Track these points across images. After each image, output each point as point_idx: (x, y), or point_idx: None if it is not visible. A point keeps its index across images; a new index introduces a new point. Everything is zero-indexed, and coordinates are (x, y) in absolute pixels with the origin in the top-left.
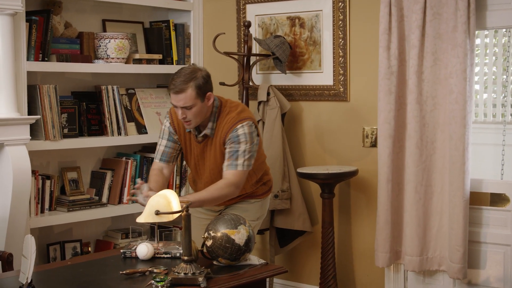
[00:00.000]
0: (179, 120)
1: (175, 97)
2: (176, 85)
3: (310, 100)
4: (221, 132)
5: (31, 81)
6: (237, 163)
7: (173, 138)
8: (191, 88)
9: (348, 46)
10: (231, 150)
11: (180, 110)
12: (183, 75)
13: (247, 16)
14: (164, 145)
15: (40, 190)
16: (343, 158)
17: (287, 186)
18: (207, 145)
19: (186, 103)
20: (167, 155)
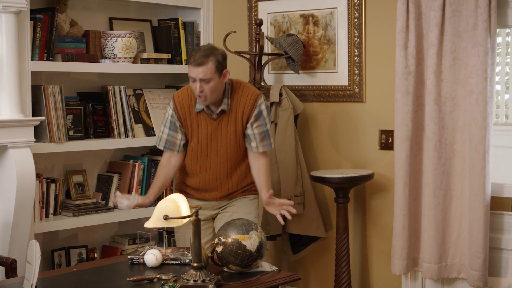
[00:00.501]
0: (183, 104)
1: (195, 70)
2: (196, 59)
3: (324, 101)
4: (243, 107)
5: (36, 82)
6: (270, 141)
7: (174, 127)
8: (211, 62)
9: (363, 45)
10: (262, 130)
11: (199, 83)
12: (203, 50)
13: (259, 14)
14: (166, 134)
15: (45, 194)
16: (358, 161)
17: (300, 191)
18: (223, 122)
19: (206, 75)
20: (170, 143)
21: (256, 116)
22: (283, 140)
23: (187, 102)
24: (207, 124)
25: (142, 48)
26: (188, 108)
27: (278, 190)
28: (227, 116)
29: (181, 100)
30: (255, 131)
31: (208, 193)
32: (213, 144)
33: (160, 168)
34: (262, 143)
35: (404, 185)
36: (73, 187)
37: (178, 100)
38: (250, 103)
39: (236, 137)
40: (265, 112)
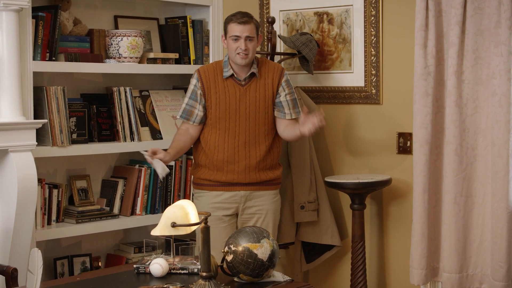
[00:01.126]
0: (208, 73)
1: (240, 28)
2: (239, 17)
3: (339, 103)
4: (272, 73)
5: (38, 82)
6: (299, 109)
7: (194, 96)
8: (253, 22)
9: (381, 44)
10: (293, 98)
11: (244, 41)
12: (242, 13)
13: (271, 12)
14: (185, 103)
15: (47, 200)
16: (375, 166)
17: (314, 197)
18: (251, 87)
19: (251, 33)
20: (188, 113)
21: (286, 82)
22: (296, 144)
23: (213, 71)
24: (235, 90)
25: (148, 47)
26: (214, 77)
27: (291, 196)
28: (256, 82)
29: (205, 70)
30: (287, 98)
31: (236, 166)
32: (242, 109)
33: (178, 135)
34: (294, 110)
35: (423, 191)
36: (76, 193)
37: (202, 70)
38: (278, 70)
39: (266, 102)
40: (291, 82)
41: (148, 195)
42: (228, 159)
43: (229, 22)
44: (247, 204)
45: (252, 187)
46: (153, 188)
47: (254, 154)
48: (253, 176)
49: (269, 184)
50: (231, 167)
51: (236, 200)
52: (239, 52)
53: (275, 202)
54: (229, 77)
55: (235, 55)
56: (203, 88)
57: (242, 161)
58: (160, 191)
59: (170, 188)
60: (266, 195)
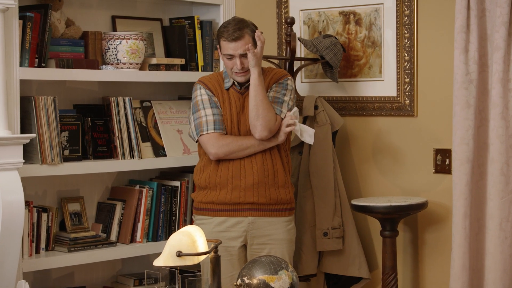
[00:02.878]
0: (213, 83)
1: (233, 45)
2: (231, 33)
3: (368, 115)
4: (269, 80)
5: (25, 92)
6: (281, 109)
7: (215, 104)
8: (247, 34)
9: (415, 48)
10: (277, 96)
11: (239, 59)
12: (235, 23)
13: (290, 11)
14: (211, 114)
15: (35, 226)
16: (409, 187)
17: (339, 222)
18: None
19: (247, 48)
20: (220, 122)
21: (278, 84)
22: (318, 162)
23: (216, 81)
24: (235, 99)
25: (151, 52)
26: (219, 86)
27: (312, 222)
28: None
29: (209, 79)
30: (270, 94)
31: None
32: (242, 120)
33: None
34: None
35: (464, 216)
36: (68, 217)
37: (206, 80)
38: (277, 76)
39: None
40: (290, 87)
41: (150, 220)
42: (234, 174)
43: (220, 38)
44: (256, 232)
45: (261, 213)
46: (156, 212)
47: (261, 167)
48: (262, 193)
49: (280, 210)
50: (236, 183)
51: (242, 227)
52: (236, 71)
53: (289, 230)
54: (230, 87)
55: (233, 73)
56: (214, 94)
57: (249, 176)
58: (164, 215)
59: (174, 212)
60: (278, 223)
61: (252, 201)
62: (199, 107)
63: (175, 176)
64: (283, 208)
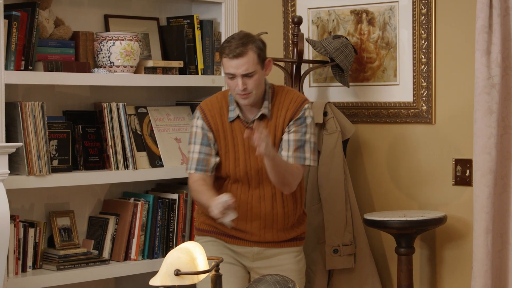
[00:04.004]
0: (214, 113)
1: (235, 63)
2: (233, 49)
3: (381, 123)
4: (285, 111)
5: (10, 97)
6: (305, 156)
7: (207, 141)
8: (252, 50)
9: (433, 49)
10: (299, 138)
11: (241, 79)
12: (238, 38)
13: (297, 10)
14: (198, 152)
15: (21, 242)
16: (426, 200)
17: (350, 238)
18: None
19: (249, 69)
20: (204, 163)
21: (297, 121)
22: (328, 173)
23: (218, 110)
24: (242, 135)
25: (146, 54)
26: (220, 118)
27: (321, 238)
28: (267, 124)
29: (210, 108)
30: (290, 137)
31: (249, 226)
32: (252, 159)
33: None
34: (296, 154)
35: (486, 232)
36: (57, 232)
37: (207, 108)
38: (294, 105)
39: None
40: (309, 120)
41: (145, 235)
42: (240, 217)
43: (222, 54)
44: (260, 263)
45: (269, 244)
46: (152, 228)
47: (270, 212)
48: (269, 237)
49: (290, 240)
50: (242, 227)
51: (246, 255)
52: (238, 92)
53: (298, 262)
54: (236, 118)
55: (235, 95)
56: (212, 129)
57: (256, 220)
58: (161, 231)
59: (172, 228)
60: (286, 253)
61: (258, 240)
62: (191, 140)
63: (173, 188)
64: (294, 240)
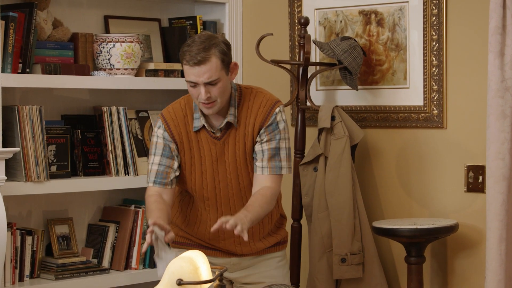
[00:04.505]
0: (177, 122)
1: (196, 71)
2: (194, 55)
3: (391, 127)
4: (254, 117)
5: (7, 101)
6: (281, 165)
7: (169, 153)
8: (215, 56)
9: (444, 51)
10: (273, 147)
11: (203, 88)
12: (200, 42)
13: (304, 11)
14: (157, 163)
15: (19, 250)
16: (437, 207)
17: (358, 247)
18: (229, 140)
19: (212, 76)
20: (163, 175)
21: (269, 128)
22: (335, 179)
23: (182, 118)
24: (209, 146)
25: (148, 56)
26: (185, 127)
27: (329, 246)
28: (235, 132)
29: (174, 117)
30: (263, 146)
31: (222, 244)
32: (221, 172)
33: (156, 203)
34: (270, 163)
35: (500, 240)
36: (56, 240)
37: (170, 117)
38: (264, 111)
39: (247, 159)
40: (281, 125)
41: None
42: (212, 236)
43: (182, 60)
44: (240, 273)
45: (247, 255)
46: None
47: None
48: (247, 250)
49: (270, 247)
50: (216, 245)
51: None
52: (201, 101)
53: (281, 267)
54: (201, 128)
55: (198, 103)
56: (175, 140)
57: (229, 238)
58: None
59: None
60: (267, 259)
61: (235, 252)
62: (151, 150)
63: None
64: (272, 245)
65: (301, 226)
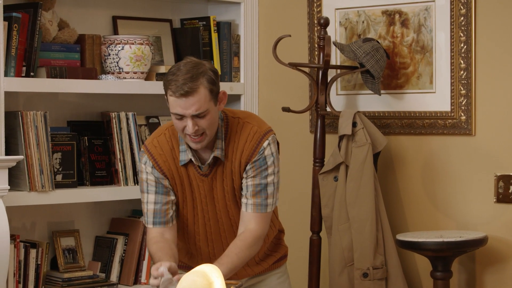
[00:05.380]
0: (165, 157)
1: (183, 103)
2: (180, 85)
3: (416, 134)
4: (241, 152)
5: (11, 106)
6: (267, 202)
7: (162, 189)
8: (203, 86)
9: (473, 53)
10: (258, 183)
11: (190, 121)
12: (186, 71)
13: (324, 11)
14: (153, 202)
15: (22, 264)
16: (465, 219)
17: (381, 261)
18: (217, 176)
19: (200, 108)
20: (161, 214)
21: (255, 163)
22: (357, 189)
23: (170, 152)
24: (197, 182)
25: (158, 59)
26: (174, 161)
27: (350, 260)
28: (222, 168)
29: (161, 152)
30: (248, 182)
31: None
32: (210, 209)
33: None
34: (255, 200)
35: None
36: (61, 254)
37: (157, 152)
38: (250, 146)
39: (237, 195)
40: (270, 160)
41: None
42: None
43: (167, 90)
44: None
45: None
46: None
47: None
48: (243, 274)
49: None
50: None
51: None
52: (188, 133)
53: (281, 283)
54: (188, 162)
55: (185, 136)
56: (166, 176)
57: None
58: None
59: None
60: (267, 277)
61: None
62: (143, 188)
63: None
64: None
65: (321, 239)
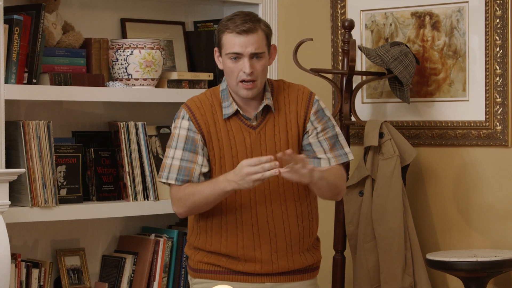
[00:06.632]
0: (204, 111)
1: (242, 40)
2: (239, 24)
3: (447, 145)
4: (295, 104)
5: (12, 115)
6: (345, 151)
7: (192, 146)
8: (261, 28)
9: (509, 58)
10: (331, 135)
11: (248, 61)
12: (244, 15)
13: (348, 13)
14: (179, 158)
15: (24, 285)
16: (500, 238)
17: (410, 282)
18: (267, 129)
19: (259, 48)
20: (187, 173)
21: (317, 115)
22: (384, 205)
23: (209, 107)
24: (243, 135)
25: (170, 64)
26: (212, 116)
27: (376, 281)
28: (273, 120)
29: (199, 105)
30: (320, 137)
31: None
32: None
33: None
34: (334, 153)
35: None
36: (65, 274)
37: (194, 105)
38: (304, 98)
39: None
40: (327, 112)
41: (168, 278)
42: (245, 243)
43: (223, 31)
44: None
45: (283, 277)
46: (176, 268)
47: (282, 232)
48: (283, 263)
49: (304, 271)
50: (250, 255)
51: None
52: (242, 79)
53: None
54: (233, 115)
55: (237, 83)
56: (202, 131)
57: (266, 245)
58: (186, 272)
59: None
60: (300, 286)
61: (271, 271)
62: (171, 143)
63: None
64: (308, 269)
65: (345, 258)
